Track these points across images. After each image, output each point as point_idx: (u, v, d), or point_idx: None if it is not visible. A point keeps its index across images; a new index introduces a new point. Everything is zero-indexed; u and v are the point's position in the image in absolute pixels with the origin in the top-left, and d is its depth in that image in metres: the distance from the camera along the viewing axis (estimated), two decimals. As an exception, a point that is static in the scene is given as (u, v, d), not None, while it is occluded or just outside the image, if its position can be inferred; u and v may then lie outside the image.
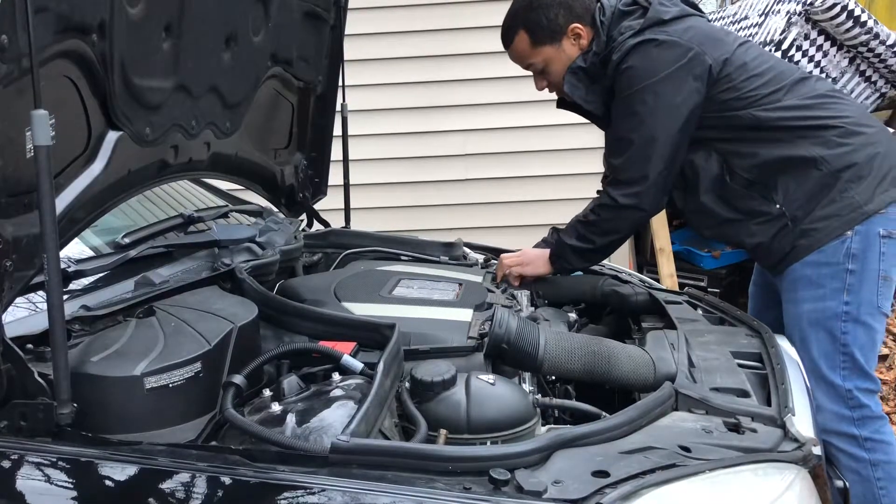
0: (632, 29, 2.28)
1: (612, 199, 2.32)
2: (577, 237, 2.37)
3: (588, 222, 2.37)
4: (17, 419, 1.39)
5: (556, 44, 2.38)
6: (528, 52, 2.42)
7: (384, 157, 4.71)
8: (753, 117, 2.25)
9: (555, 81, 2.45)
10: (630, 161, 2.28)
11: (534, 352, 1.74)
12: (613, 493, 1.29)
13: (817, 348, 2.26)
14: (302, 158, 2.91)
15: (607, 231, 2.36)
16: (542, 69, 2.44)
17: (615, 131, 2.35)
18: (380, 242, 2.72)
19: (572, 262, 2.41)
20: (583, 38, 2.37)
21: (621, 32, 2.29)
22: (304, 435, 1.42)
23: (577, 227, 2.38)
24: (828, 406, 2.23)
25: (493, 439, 1.55)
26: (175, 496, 1.33)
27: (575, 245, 2.37)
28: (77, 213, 1.72)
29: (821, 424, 2.10)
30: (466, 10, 4.67)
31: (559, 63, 2.40)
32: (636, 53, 2.25)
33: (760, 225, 2.31)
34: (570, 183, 4.76)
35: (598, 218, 2.35)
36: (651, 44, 2.25)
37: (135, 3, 1.71)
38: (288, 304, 1.93)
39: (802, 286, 2.28)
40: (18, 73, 1.36)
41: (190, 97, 2.03)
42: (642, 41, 2.25)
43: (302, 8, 2.52)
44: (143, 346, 1.57)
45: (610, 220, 2.34)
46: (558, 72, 2.41)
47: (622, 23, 2.31)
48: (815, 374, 2.24)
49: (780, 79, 2.29)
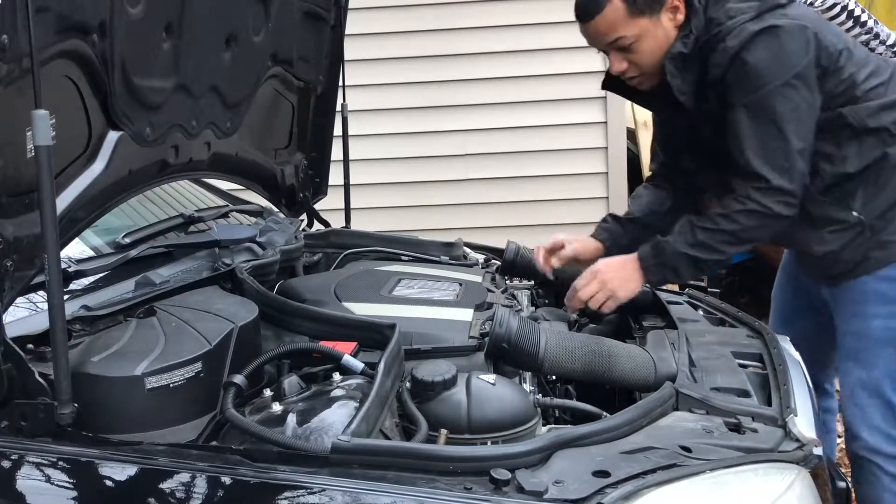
0: (745, 12, 2.00)
1: (765, 206, 1.99)
2: (700, 247, 2.03)
3: (720, 230, 2.02)
4: (17, 419, 1.39)
5: (655, 15, 2.04)
6: (622, 23, 2.04)
7: (384, 157, 4.71)
8: (857, 116, 2.05)
9: (642, 62, 2.10)
10: (786, 165, 1.99)
11: (534, 351, 1.74)
12: (614, 493, 1.29)
13: (884, 367, 2.09)
14: (302, 158, 2.91)
15: (746, 240, 2.07)
16: (629, 45, 2.07)
17: (750, 132, 2.00)
18: (380, 242, 2.72)
19: (683, 274, 2.09)
20: (679, 13, 2.06)
21: (730, 15, 2.01)
22: (305, 435, 1.42)
23: (697, 236, 2.03)
24: (881, 426, 2.09)
25: (494, 439, 1.55)
26: (175, 496, 1.33)
27: (694, 255, 2.04)
28: (78, 212, 1.72)
29: (864, 442, 2.06)
30: (466, 10, 4.67)
31: (653, 40, 2.06)
32: (760, 42, 1.96)
33: (834, 233, 2.11)
34: (570, 183, 4.76)
35: (737, 227, 2.01)
36: (776, 31, 1.97)
37: (135, 3, 1.71)
38: (288, 303, 1.93)
39: (874, 301, 2.10)
40: (19, 72, 1.36)
41: (190, 97, 2.03)
42: (766, 28, 1.97)
43: (302, 8, 2.52)
44: (144, 346, 1.56)
45: (755, 228, 2.03)
46: (650, 51, 2.08)
47: (727, 2, 2.05)
48: (874, 392, 2.10)
49: (881, 71, 2.10)
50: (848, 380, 2.16)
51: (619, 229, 2.36)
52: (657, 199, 2.40)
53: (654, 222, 2.34)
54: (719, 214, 2.03)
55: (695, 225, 2.04)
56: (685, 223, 2.07)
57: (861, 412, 2.11)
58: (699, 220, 2.06)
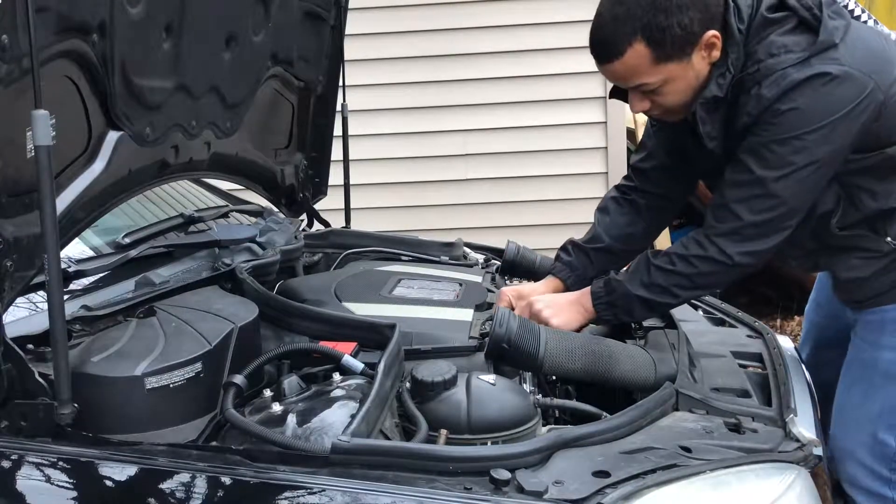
0: (791, 53, 1.73)
1: (726, 255, 1.81)
2: (653, 288, 1.88)
3: (675, 272, 1.85)
4: (17, 419, 1.39)
5: (686, 59, 1.75)
6: (645, 70, 1.76)
7: (384, 157, 4.71)
8: None
9: (666, 103, 1.83)
10: (770, 219, 1.80)
11: (534, 352, 1.74)
12: (614, 493, 1.30)
13: (883, 403, 1.93)
14: (302, 158, 2.91)
15: (702, 286, 1.91)
16: (654, 90, 1.81)
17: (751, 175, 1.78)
18: (380, 242, 2.72)
19: (635, 315, 1.96)
20: (715, 49, 1.76)
21: (772, 53, 1.74)
22: (305, 435, 1.42)
23: (652, 276, 1.87)
24: (866, 461, 1.95)
25: (494, 439, 1.55)
26: (175, 496, 1.34)
27: (647, 298, 1.88)
28: (78, 212, 1.72)
29: (850, 476, 1.97)
30: (466, 10, 4.67)
31: (682, 82, 1.79)
32: (804, 91, 1.70)
33: (863, 259, 1.93)
34: (570, 183, 4.76)
35: (694, 271, 1.84)
36: (823, 79, 1.70)
37: (135, 3, 1.71)
38: (288, 304, 1.93)
39: (890, 332, 1.94)
40: (19, 73, 1.36)
41: (190, 97, 2.03)
42: (813, 76, 1.70)
43: (302, 8, 2.52)
44: (144, 346, 1.57)
45: (712, 274, 1.85)
46: (679, 93, 1.81)
47: (769, 35, 1.76)
48: (865, 428, 1.95)
49: None
50: (843, 407, 2.03)
51: (586, 261, 2.13)
52: (627, 220, 2.15)
53: (624, 247, 2.14)
54: (678, 255, 1.86)
55: (651, 263, 1.88)
56: (641, 261, 1.91)
57: (848, 442, 1.99)
58: (655, 258, 1.88)
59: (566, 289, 2.10)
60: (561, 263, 2.14)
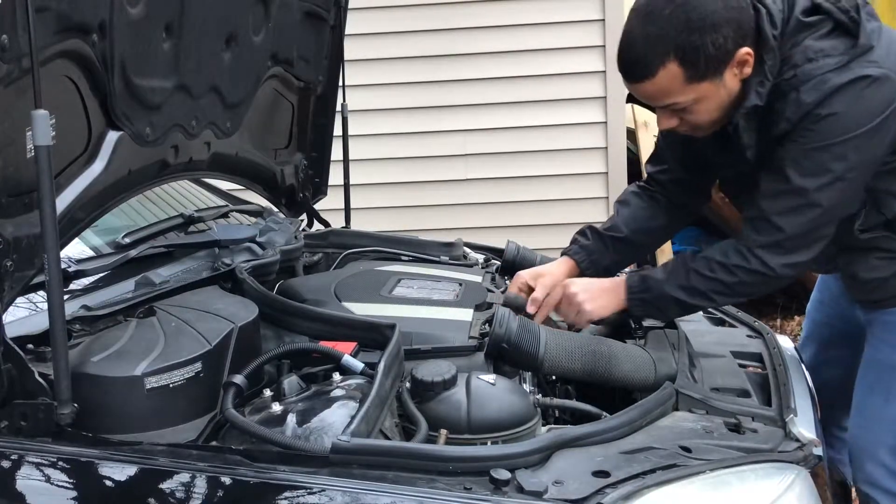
0: (829, 57, 1.70)
1: (769, 267, 1.78)
2: (690, 291, 1.85)
3: (715, 279, 1.83)
4: (17, 419, 1.39)
5: (718, 77, 1.72)
6: (678, 90, 1.73)
7: (384, 157, 4.71)
8: None
9: (696, 121, 1.81)
10: (812, 229, 1.77)
11: (534, 352, 1.74)
12: (614, 493, 1.30)
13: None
14: (302, 158, 2.91)
15: (741, 294, 1.88)
16: (683, 108, 1.78)
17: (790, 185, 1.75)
18: (380, 242, 2.72)
19: (667, 314, 1.97)
20: (747, 66, 1.73)
21: (809, 58, 1.71)
22: (305, 435, 1.42)
23: (690, 280, 1.84)
24: (885, 461, 1.96)
25: (494, 439, 1.55)
26: (175, 496, 1.33)
27: (683, 300, 1.86)
28: (77, 212, 1.72)
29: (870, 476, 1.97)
30: (466, 10, 4.67)
31: (714, 101, 1.76)
32: (845, 96, 1.68)
33: (883, 260, 1.91)
34: (570, 183, 4.76)
35: (734, 280, 1.81)
36: (863, 82, 1.68)
37: (135, 3, 1.71)
38: (288, 303, 1.93)
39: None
40: (19, 72, 1.36)
41: (190, 97, 2.03)
42: (854, 80, 1.68)
43: (302, 8, 2.52)
44: (144, 346, 1.57)
45: (752, 284, 1.83)
46: (709, 111, 1.78)
47: (805, 40, 1.73)
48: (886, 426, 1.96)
49: None
50: (862, 408, 2.03)
51: (602, 247, 2.12)
52: (648, 213, 2.15)
53: (643, 240, 2.16)
54: (718, 263, 1.82)
55: (689, 267, 1.85)
56: (679, 263, 1.88)
57: (868, 444, 1.99)
58: (694, 262, 1.86)
59: (580, 271, 2.10)
60: (577, 246, 2.14)
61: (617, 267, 2.16)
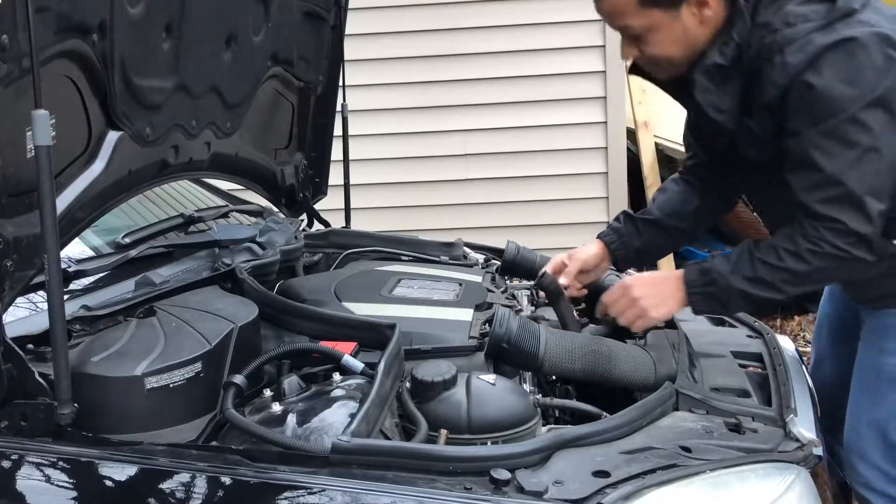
0: (810, 19, 1.68)
1: (843, 250, 1.69)
2: (758, 282, 1.77)
3: (784, 269, 1.75)
4: (17, 419, 1.39)
5: (673, 10, 1.75)
6: (630, 12, 1.77)
7: (384, 157, 4.72)
8: None
9: (653, 54, 1.82)
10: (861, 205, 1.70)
11: (534, 352, 1.74)
12: (614, 493, 1.29)
13: (891, 407, 1.92)
14: (302, 158, 2.91)
15: (817, 281, 1.83)
16: (638, 35, 1.81)
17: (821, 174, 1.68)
18: (380, 242, 2.72)
19: (732, 308, 1.91)
20: (708, 10, 1.75)
21: (788, 21, 1.69)
22: (305, 435, 1.42)
23: (757, 270, 1.77)
24: (879, 464, 1.94)
25: (494, 439, 1.55)
26: (175, 496, 1.33)
27: (750, 291, 1.78)
28: (77, 212, 1.72)
29: (865, 479, 1.96)
30: (466, 10, 4.68)
31: (668, 35, 1.77)
32: (831, 61, 1.64)
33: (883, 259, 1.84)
34: (570, 183, 4.76)
35: (808, 268, 1.73)
36: (850, 45, 1.64)
37: (135, 3, 1.71)
38: (288, 303, 1.93)
39: (893, 337, 1.92)
40: (19, 72, 1.36)
41: (190, 97, 2.03)
42: (838, 41, 1.64)
43: (302, 8, 2.52)
44: (144, 346, 1.57)
45: (829, 270, 1.75)
46: (663, 45, 1.79)
47: (786, 6, 1.72)
48: (877, 429, 1.94)
49: None
50: (854, 409, 2.01)
51: (632, 230, 2.14)
52: (683, 198, 2.16)
53: (676, 224, 2.15)
54: (787, 251, 1.73)
55: (755, 257, 1.77)
56: (744, 252, 1.80)
57: (861, 446, 1.98)
58: (760, 251, 1.77)
59: (610, 253, 2.14)
60: (609, 229, 2.17)
61: (647, 251, 2.16)
